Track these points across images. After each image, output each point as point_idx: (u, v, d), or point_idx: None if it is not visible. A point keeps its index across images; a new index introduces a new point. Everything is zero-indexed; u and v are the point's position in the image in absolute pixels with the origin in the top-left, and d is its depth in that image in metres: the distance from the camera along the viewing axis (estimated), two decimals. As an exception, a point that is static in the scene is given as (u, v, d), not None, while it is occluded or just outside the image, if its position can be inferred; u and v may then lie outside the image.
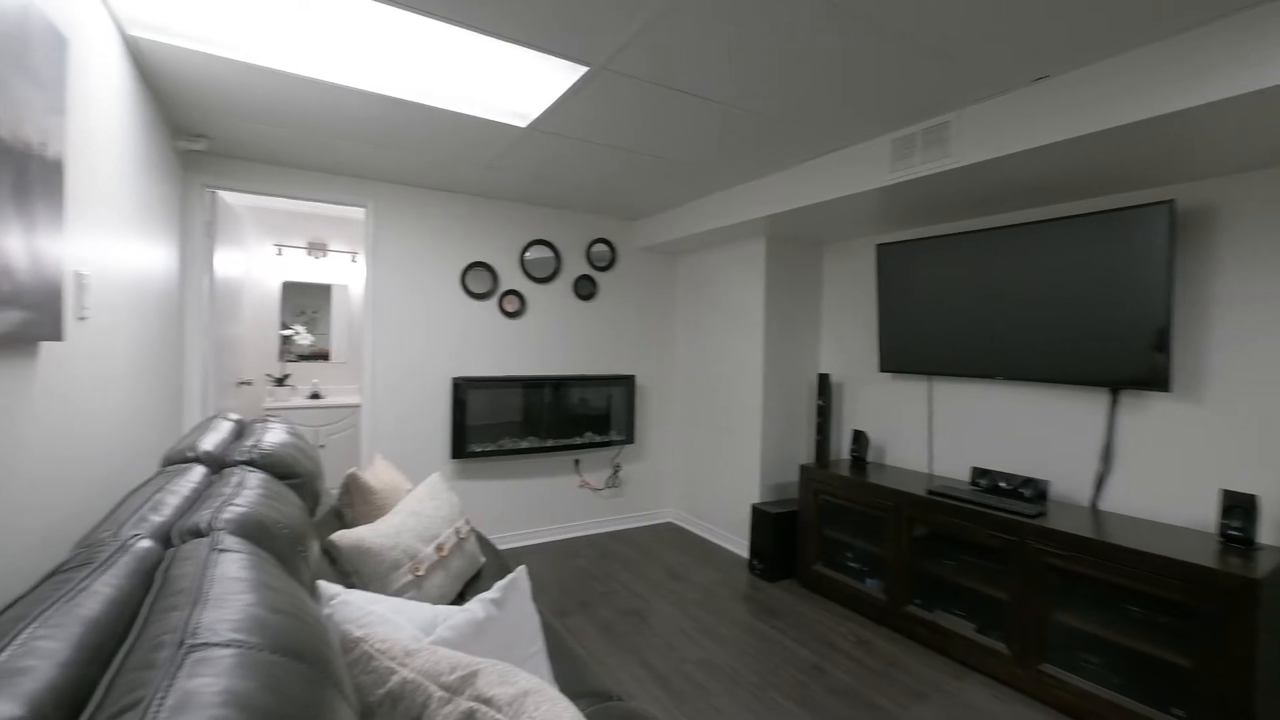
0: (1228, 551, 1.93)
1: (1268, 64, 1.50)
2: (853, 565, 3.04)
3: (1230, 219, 2.17)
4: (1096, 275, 2.37)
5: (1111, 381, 2.34)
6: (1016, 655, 2.26)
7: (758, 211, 3.11)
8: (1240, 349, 2.14)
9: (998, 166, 2.17)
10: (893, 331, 3.17)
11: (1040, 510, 2.35)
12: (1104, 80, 1.80)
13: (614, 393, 4.07)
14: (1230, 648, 1.76)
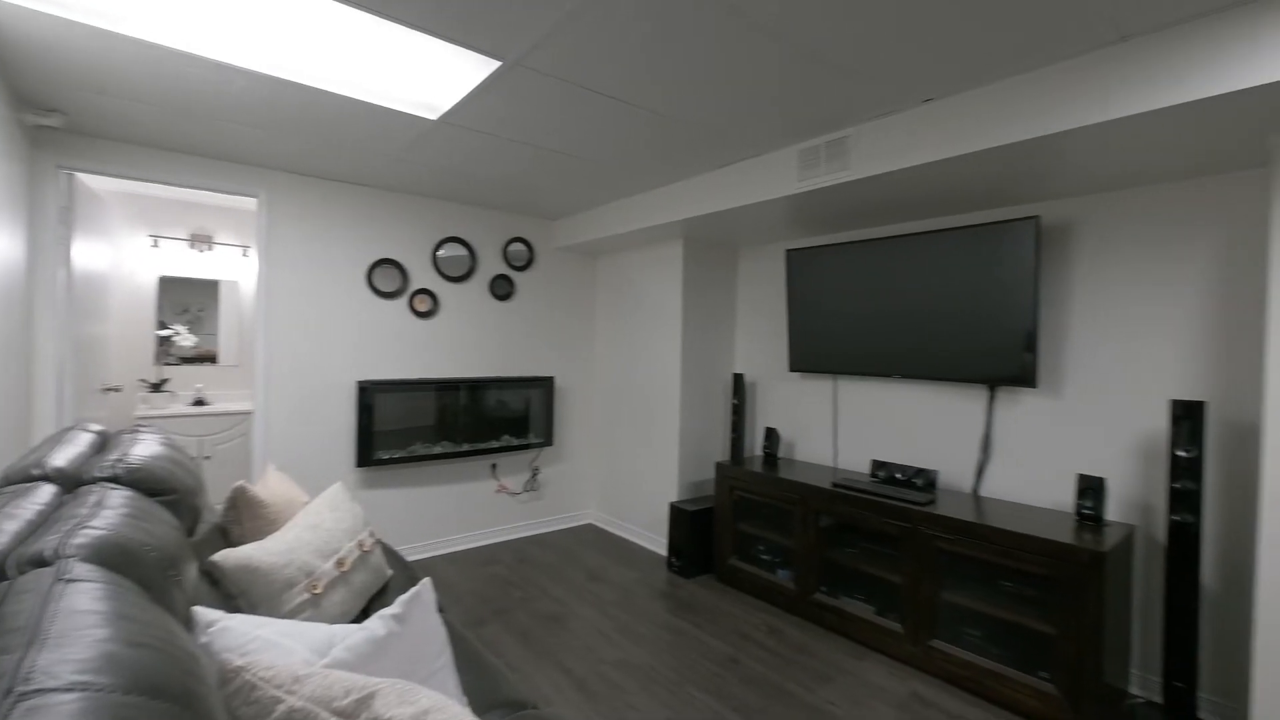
0: (1082, 528, 2.18)
1: (1110, 100, 1.70)
2: (765, 558, 3.16)
3: (1085, 235, 2.46)
4: (976, 283, 2.60)
5: (989, 379, 2.58)
6: (910, 633, 2.44)
7: (675, 215, 3.17)
8: (1091, 350, 2.43)
9: (891, 180, 2.34)
10: (801, 333, 3.33)
11: (930, 498, 2.55)
12: (981, 105, 1.98)
13: (532, 395, 4.00)
14: (1084, 614, 1.98)
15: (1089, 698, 1.97)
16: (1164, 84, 1.62)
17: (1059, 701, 2.03)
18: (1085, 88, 1.75)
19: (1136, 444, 2.31)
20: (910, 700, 2.22)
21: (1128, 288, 2.34)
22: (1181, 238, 2.22)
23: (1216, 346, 2.14)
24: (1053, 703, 2.04)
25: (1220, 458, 2.13)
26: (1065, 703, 2.02)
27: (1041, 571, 2.09)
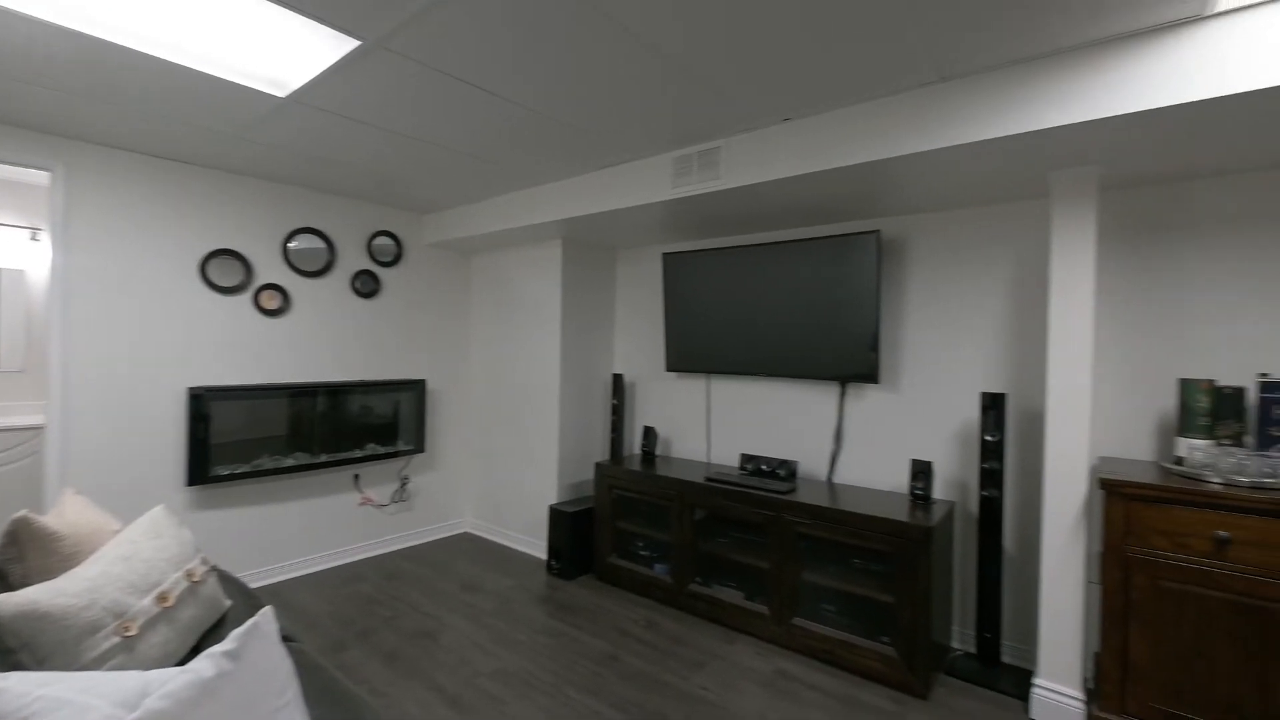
0: (915, 507, 2.48)
1: (930, 132, 1.95)
2: (644, 554, 3.23)
3: (916, 248, 2.79)
4: (829, 289, 2.86)
5: (840, 376, 2.85)
6: (775, 615, 2.62)
7: (553, 214, 3.14)
8: (922, 349, 2.76)
9: (757, 191, 2.49)
10: (677, 334, 3.45)
11: (792, 487, 2.75)
12: (830, 128, 2.18)
13: (402, 399, 3.76)
14: (916, 583, 2.25)
15: (920, 656, 2.24)
16: (972, 122, 1.88)
17: (897, 662, 2.29)
18: (912, 120, 1.99)
19: (956, 431, 2.67)
20: (775, 677, 2.38)
21: (949, 296, 2.70)
22: (987, 254, 2.60)
23: (1014, 346, 2.53)
24: (892, 664, 2.30)
25: (1017, 441, 2.53)
26: (902, 662, 2.28)
27: (883, 548, 2.34)
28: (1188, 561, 1.79)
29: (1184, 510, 1.80)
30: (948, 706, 2.20)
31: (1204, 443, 1.97)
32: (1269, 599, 1.68)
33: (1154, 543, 1.84)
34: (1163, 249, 2.24)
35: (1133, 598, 1.87)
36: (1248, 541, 1.71)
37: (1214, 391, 1.97)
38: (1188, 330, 2.19)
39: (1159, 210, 2.25)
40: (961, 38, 1.67)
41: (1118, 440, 2.31)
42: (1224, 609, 1.74)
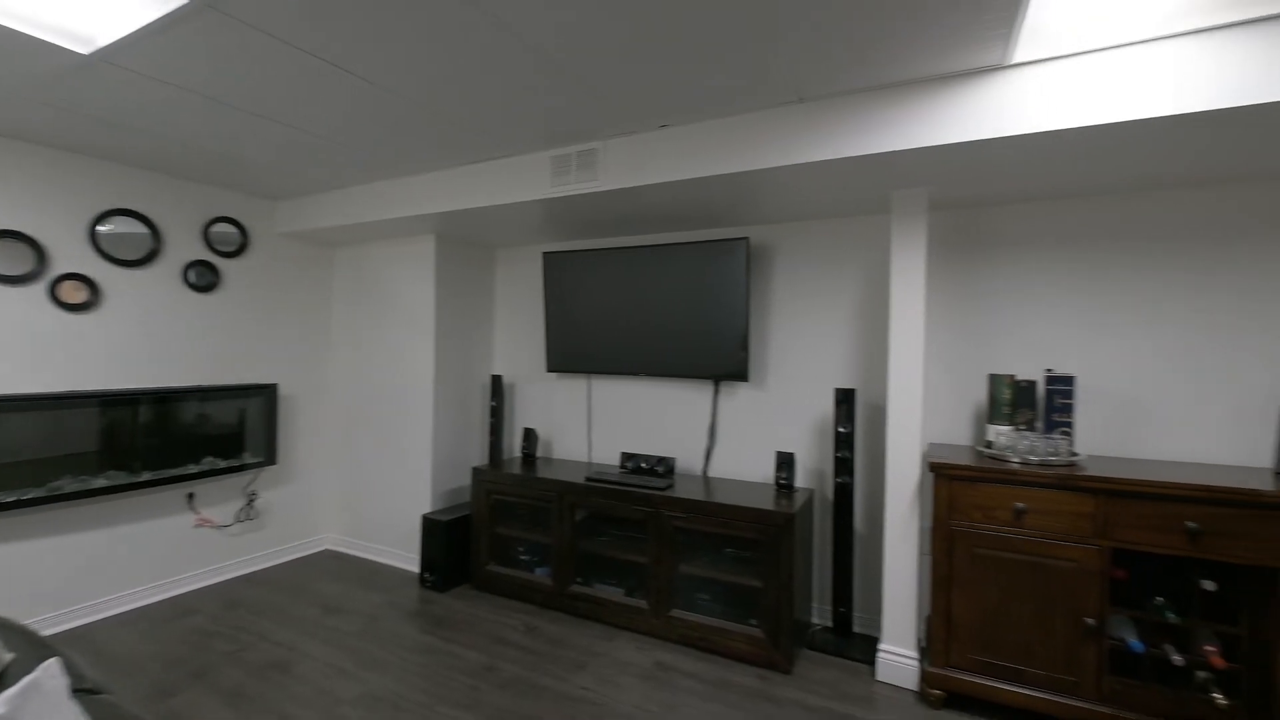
0: (779, 495, 2.66)
1: (791, 148, 2.11)
2: (524, 558, 3.17)
3: (781, 255, 3.00)
4: (703, 291, 2.98)
5: (714, 375, 2.99)
6: (654, 608, 2.69)
7: (426, 208, 2.97)
8: (786, 349, 2.98)
9: (634, 194, 2.54)
10: (558, 334, 3.42)
11: (670, 483, 2.84)
12: (703, 138, 2.28)
13: (248, 406, 3.36)
14: (780, 566, 2.42)
15: (784, 634, 2.41)
16: (826, 142, 2.06)
17: (764, 642, 2.44)
18: (775, 136, 2.14)
19: (815, 423, 2.90)
20: (654, 669, 2.44)
21: (809, 299, 2.93)
22: (841, 263, 2.86)
23: (863, 346, 2.81)
24: (760, 644, 2.45)
25: (866, 431, 2.81)
26: (768, 642, 2.44)
27: (751, 535, 2.49)
28: (995, 530, 2.09)
29: (992, 487, 2.10)
30: (808, 678, 2.39)
31: (1007, 428, 2.32)
32: (1050, 556, 2.02)
33: (971, 516, 2.13)
34: (978, 263, 2.60)
35: (955, 565, 2.15)
36: (1037, 510, 2.04)
37: (1014, 385, 2.33)
38: (996, 332, 2.56)
39: (975, 229, 2.61)
40: (811, 65, 1.82)
41: (944, 428, 2.65)
42: (1020, 569, 2.06)
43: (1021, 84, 1.80)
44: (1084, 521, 1.98)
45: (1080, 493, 1.98)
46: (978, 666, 2.12)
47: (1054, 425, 2.26)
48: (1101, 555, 1.95)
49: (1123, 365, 2.35)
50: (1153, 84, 1.64)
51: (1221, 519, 1.82)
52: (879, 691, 2.30)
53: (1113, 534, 1.94)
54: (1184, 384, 2.26)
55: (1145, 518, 1.91)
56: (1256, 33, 1.55)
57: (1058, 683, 2.01)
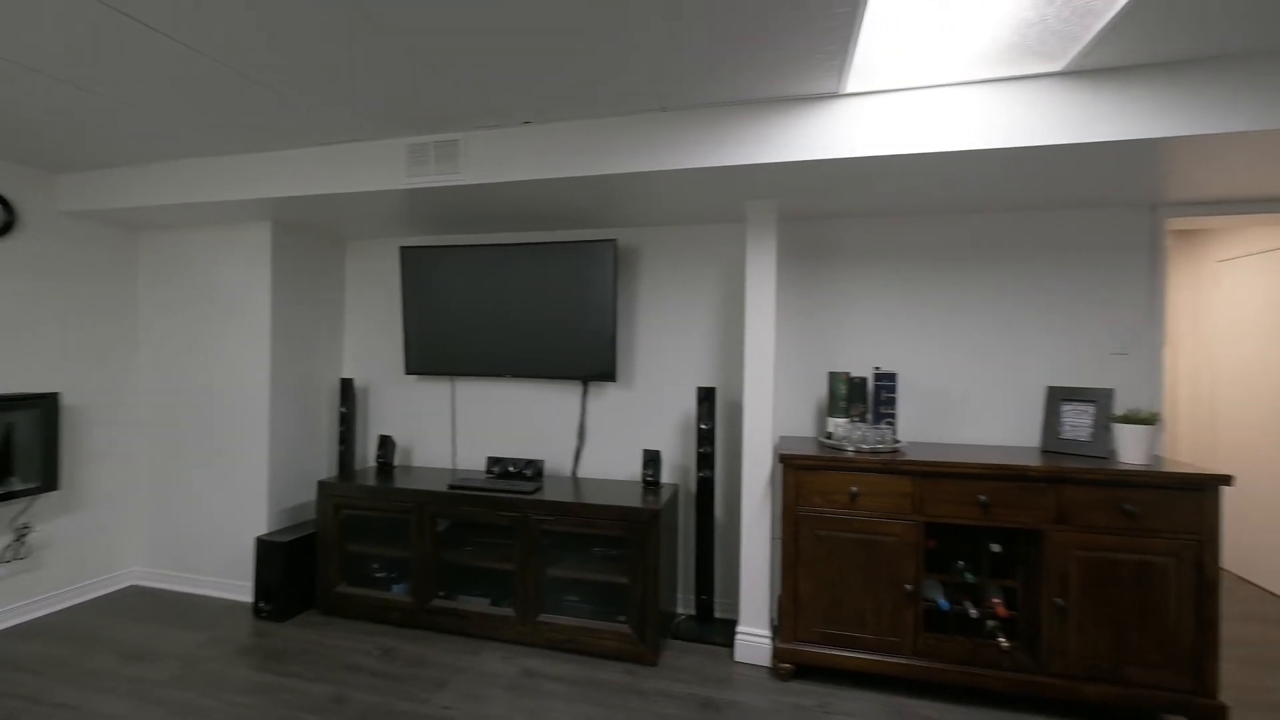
0: (646, 492, 2.73)
1: (655, 154, 2.17)
2: (380, 576, 2.94)
3: (648, 257, 3.08)
4: (571, 292, 2.97)
5: (583, 375, 2.99)
6: (521, 615, 2.63)
7: (260, 191, 2.64)
8: (652, 349, 3.06)
9: (498, 190, 2.46)
10: (418, 334, 3.22)
11: (538, 486, 2.79)
12: (567, 138, 2.27)
13: (16, 421, 2.76)
14: (646, 561, 2.48)
15: (651, 627, 2.47)
16: (687, 151, 2.14)
17: (632, 637, 2.49)
18: (639, 141, 2.19)
19: (679, 421, 3.02)
20: (520, 677, 2.38)
21: (674, 301, 3.04)
22: (702, 267, 3.00)
23: (722, 346, 2.97)
24: (628, 639, 2.49)
25: (725, 427, 2.97)
26: (635, 636, 2.49)
27: (618, 533, 2.52)
28: (834, 513, 2.32)
29: (832, 474, 2.32)
30: (673, 667, 2.47)
31: (844, 421, 2.58)
32: (879, 533, 2.28)
33: (814, 501, 2.34)
34: (821, 272, 2.86)
35: (801, 547, 2.35)
36: (867, 493, 2.29)
37: (849, 381, 2.59)
38: (835, 334, 2.84)
39: (819, 241, 2.87)
40: (668, 75, 1.89)
41: (792, 421, 2.88)
42: (854, 546, 2.30)
43: (853, 112, 2.01)
44: (904, 501, 2.26)
45: (901, 475, 2.26)
46: (821, 638, 2.33)
47: (881, 416, 2.56)
48: (918, 529, 2.24)
49: (933, 362, 2.72)
50: (958, 122, 1.92)
51: (1004, 492, 2.17)
52: (737, 672, 2.44)
53: (926, 510, 2.24)
54: (980, 378, 2.67)
55: (950, 494, 2.22)
56: (1032, 87, 1.87)
57: (885, 644, 2.27)
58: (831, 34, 1.66)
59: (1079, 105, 1.83)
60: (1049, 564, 2.14)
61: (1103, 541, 2.09)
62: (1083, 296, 2.58)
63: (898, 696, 2.27)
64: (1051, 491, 2.13)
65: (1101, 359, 2.56)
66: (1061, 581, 2.12)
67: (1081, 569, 2.11)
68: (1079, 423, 2.39)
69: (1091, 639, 2.10)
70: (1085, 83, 1.82)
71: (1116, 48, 1.69)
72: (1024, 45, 1.71)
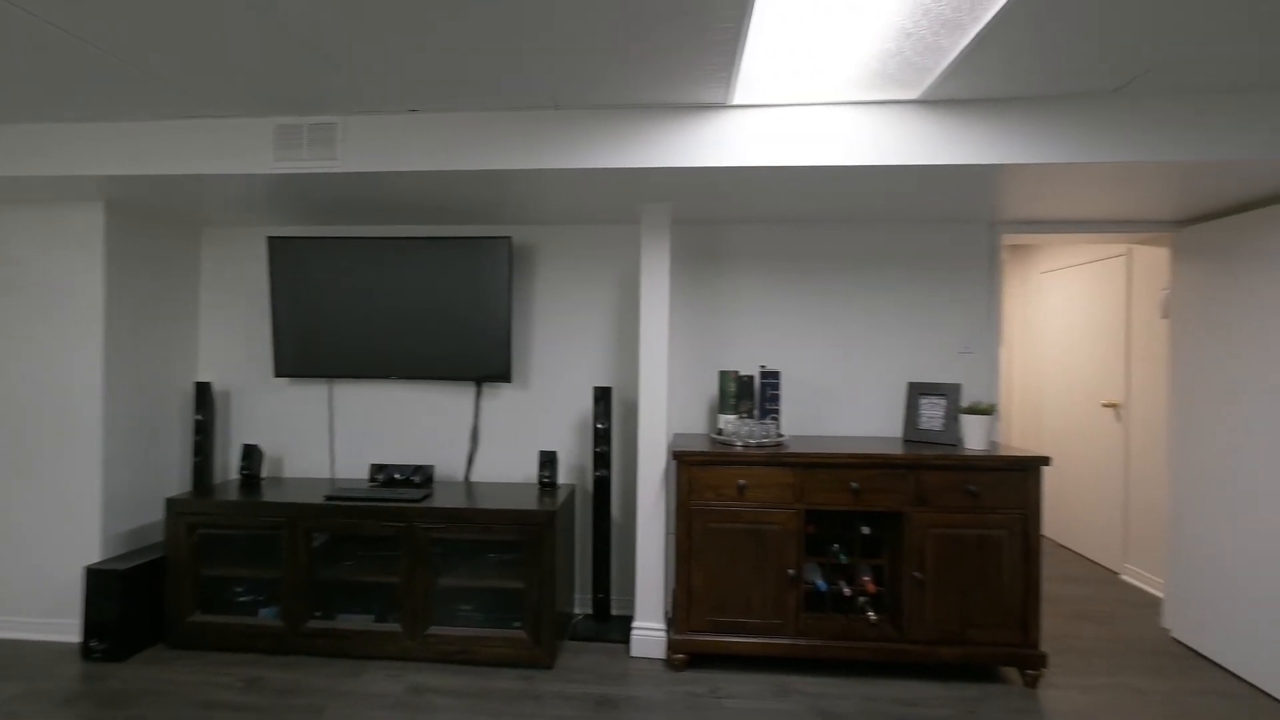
0: (542, 494, 2.69)
1: (545, 152, 2.15)
2: (244, 600, 2.66)
3: (544, 256, 3.04)
4: (464, 290, 2.87)
5: (476, 376, 2.89)
6: (409, 629, 2.49)
7: (91, 167, 2.29)
8: (549, 349, 3.03)
9: (382, 180, 2.32)
10: (290, 333, 2.95)
11: (427, 493, 2.66)
12: (458, 130, 2.18)
13: None
14: (542, 563, 2.45)
15: (547, 630, 2.44)
16: (580, 151, 2.14)
17: (527, 642, 2.45)
18: (531, 138, 2.15)
19: (576, 421, 3.01)
20: (407, 695, 2.26)
21: (570, 301, 3.02)
22: (598, 267, 3.01)
23: (618, 346, 3.00)
24: (523, 645, 2.45)
25: (621, 426, 3.00)
26: (531, 641, 2.45)
27: (513, 537, 2.47)
28: (724, 506, 2.42)
29: (722, 468, 2.42)
30: (569, 668, 2.46)
31: (733, 417, 2.70)
32: (765, 523, 2.41)
33: (706, 495, 2.43)
34: (713, 274, 2.98)
35: (694, 540, 2.43)
36: (755, 485, 2.41)
37: (737, 380, 2.72)
38: (726, 334, 2.97)
39: (712, 245, 2.98)
40: (562, 75, 1.89)
41: (686, 419, 2.97)
42: (743, 536, 2.42)
43: (740, 123, 2.11)
44: (787, 491, 2.40)
45: (785, 467, 2.40)
46: (712, 626, 2.42)
47: (767, 412, 2.71)
48: (799, 517, 2.40)
49: (813, 361, 2.93)
50: (832, 139, 2.07)
51: (872, 479, 2.38)
52: (634, 667, 2.48)
53: (807, 498, 2.40)
54: (852, 374, 2.91)
55: (827, 483, 2.40)
56: (893, 111, 2.06)
57: (770, 627, 2.40)
58: (718, 48, 1.73)
59: (931, 131, 2.05)
60: (910, 542, 2.37)
61: (952, 520, 2.35)
62: (935, 302, 2.89)
63: (782, 675, 2.41)
64: (912, 477, 2.37)
65: (951, 357, 2.89)
66: (920, 557, 2.36)
67: (936, 545, 2.36)
68: (933, 414, 2.68)
69: (944, 607, 2.36)
70: (937, 111, 2.05)
71: (960, 83, 1.92)
72: (886, 73, 1.88)
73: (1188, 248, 2.72)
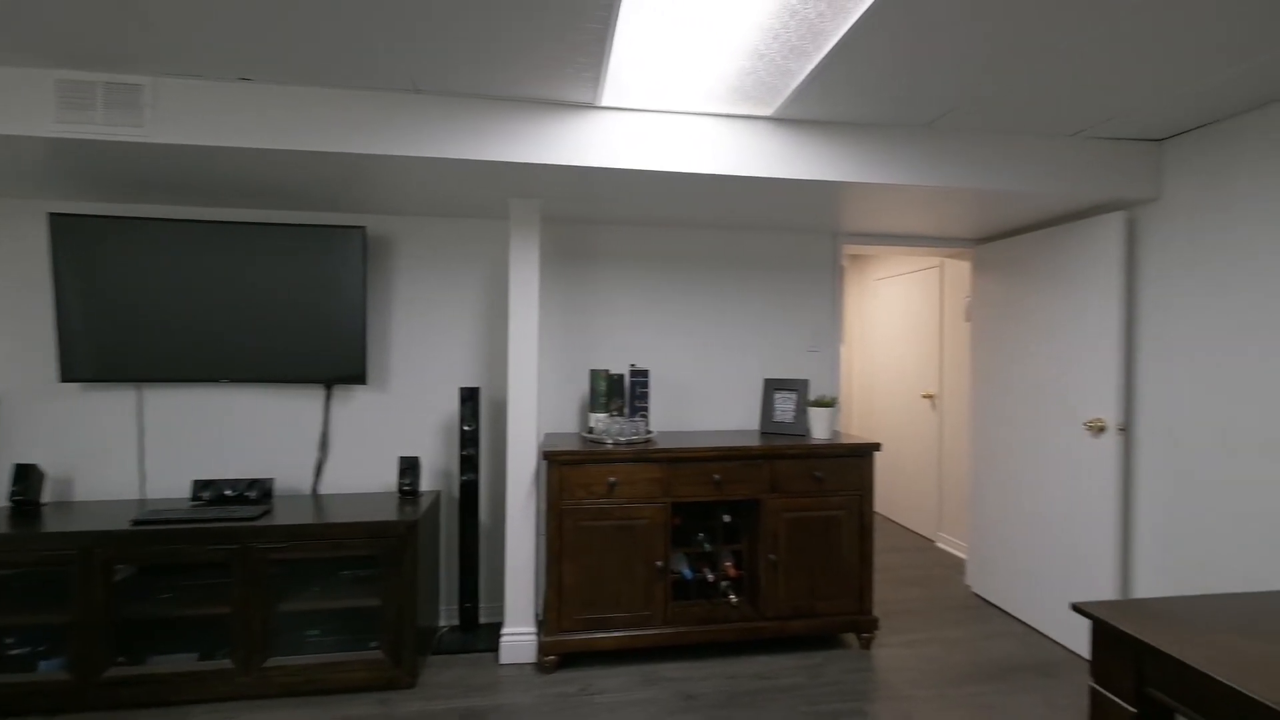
0: (403, 502, 2.53)
1: (405, 139, 2.01)
2: (16, 654, 2.19)
3: (404, 249, 2.84)
4: (311, 282, 2.60)
5: (325, 379, 2.64)
6: (242, 664, 2.21)
7: None
8: (409, 348, 2.84)
9: (204, 156, 2.03)
10: (81, 329, 2.48)
11: (265, 510, 2.38)
12: (301, 105, 1.97)
13: None
14: (402, 578, 2.30)
15: (407, 648, 2.29)
16: (442, 139, 2.03)
17: (384, 663, 2.28)
18: (388, 122, 2.01)
19: (441, 424, 2.86)
20: (242, 738, 2.01)
21: (434, 298, 2.86)
22: (465, 262, 2.88)
23: (486, 344, 2.90)
24: (380, 666, 2.28)
25: (490, 427, 2.91)
26: (389, 661, 2.28)
27: (370, 552, 2.29)
28: (595, 504, 2.44)
29: (593, 467, 2.44)
30: (433, 684, 2.33)
31: (603, 415, 2.73)
32: (634, 518, 2.46)
33: (577, 494, 2.43)
34: (584, 272, 2.98)
35: (565, 539, 2.42)
36: (624, 481, 2.46)
37: (608, 378, 2.75)
38: (597, 333, 2.99)
39: (583, 243, 2.98)
40: (420, 56, 1.78)
41: (558, 418, 2.95)
42: (613, 532, 2.45)
43: (610, 125, 2.13)
44: (655, 486, 2.48)
45: (652, 463, 2.48)
46: (583, 624, 2.43)
47: (636, 410, 2.77)
48: (666, 510, 2.49)
49: (679, 358, 3.05)
50: (697, 148, 2.17)
51: (732, 470, 2.54)
52: (503, 675, 2.41)
53: (673, 492, 2.49)
54: (715, 371, 3.07)
55: (692, 476, 2.51)
56: (751, 126, 2.20)
57: (640, 619, 2.47)
58: (585, 47, 1.74)
59: (781, 147, 2.22)
60: (765, 527, 2.56)
61: (801, 504, 2.58)
62: (788, 303, 3.15)
63: (652, 664, 2.48)
64: (767, 466, 2.56)
65: (801, 355, 3.16)
66: (774, 540, 2.56)
67: (787, 528, 2.57)
68: (786, 407, 2.91)
69: (795, 584, 2.57)
70: (787, 129, 2.22)
71: (805, 105, 2.10)
72: (744, 90, 2.01)
73: (983, 262, 3.23)
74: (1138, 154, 2.44)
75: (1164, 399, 2.43)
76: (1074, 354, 2.64)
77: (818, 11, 1.56)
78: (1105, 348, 2.50)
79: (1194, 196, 2.33)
